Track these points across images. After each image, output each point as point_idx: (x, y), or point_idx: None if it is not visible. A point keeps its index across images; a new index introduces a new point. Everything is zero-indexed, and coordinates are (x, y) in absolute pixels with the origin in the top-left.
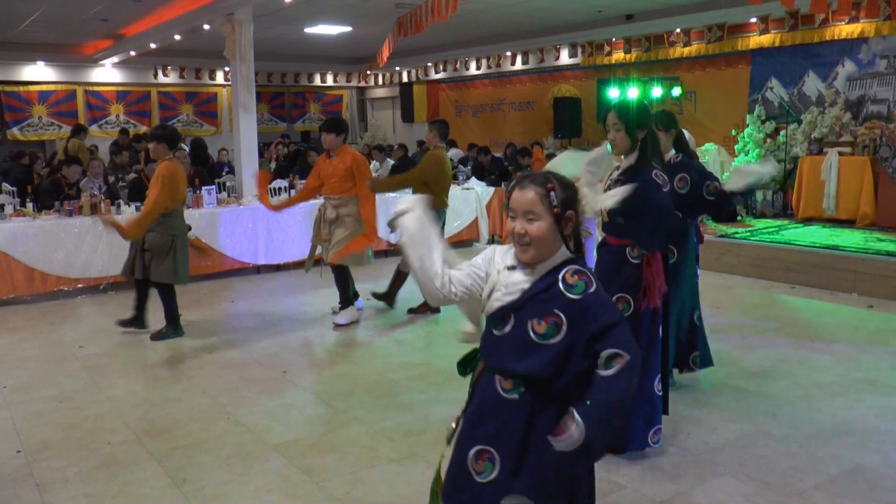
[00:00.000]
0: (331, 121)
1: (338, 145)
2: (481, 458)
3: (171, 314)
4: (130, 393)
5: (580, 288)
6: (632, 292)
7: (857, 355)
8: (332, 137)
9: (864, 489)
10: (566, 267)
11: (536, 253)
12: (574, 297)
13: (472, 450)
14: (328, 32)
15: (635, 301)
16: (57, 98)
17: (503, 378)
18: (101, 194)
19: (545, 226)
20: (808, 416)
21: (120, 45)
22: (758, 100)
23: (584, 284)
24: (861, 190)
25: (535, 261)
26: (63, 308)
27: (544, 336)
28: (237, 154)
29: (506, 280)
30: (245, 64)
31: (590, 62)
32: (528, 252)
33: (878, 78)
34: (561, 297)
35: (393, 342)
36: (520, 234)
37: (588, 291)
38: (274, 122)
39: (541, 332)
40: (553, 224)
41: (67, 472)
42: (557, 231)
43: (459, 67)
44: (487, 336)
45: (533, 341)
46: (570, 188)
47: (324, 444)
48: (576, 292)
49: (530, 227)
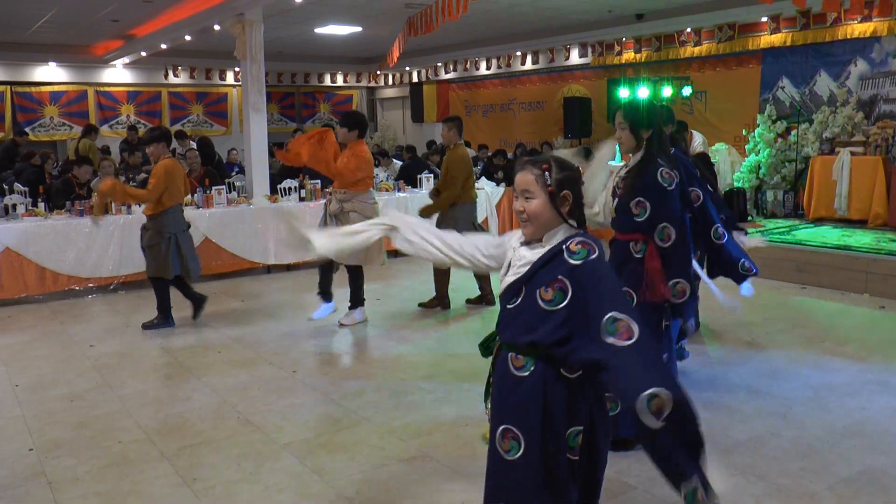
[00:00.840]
0: (346, 115)
1: (351, 139)
2: (507, 437)
3: (162, 306)
4: (141, 392)
5: (582, 254)
6: (634, 287)
7: (868, 356)
8: (345, 132)
9: (876, 491)
10: (572, 238)
11: (535, 229)
12: (575, 263)
13: (498, 429)
14: (338, 33)
15: (638, 294)
16: (68, 98)
17: (514, 355)
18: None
19: (540, 203)
20: (819, 417)
21: (130, 45)
22: (769, 99)
23: (586, 251)
24: (873, 190)
25: (535, 236)
26: (74, 307)
27: (552, 302)
28: (247, 154)
29: (517, 258)
30: (255, 64)
31: (600, 62)
32: (527, 228)
33: (891, 77)
34: (564, 263)
35: (402, 342)
36: (518, 211)
37: (590, 258)
38: (284, 122)
39: (548, 298)
40: (548, 202)
41: (78, 471)
42: (553, 208)
43: (469, 67)
44: (501, 313)
45: (542, 309)
46: (568, 170)
47: (334, 443)
48: (577, 258)
49: (527, 205)
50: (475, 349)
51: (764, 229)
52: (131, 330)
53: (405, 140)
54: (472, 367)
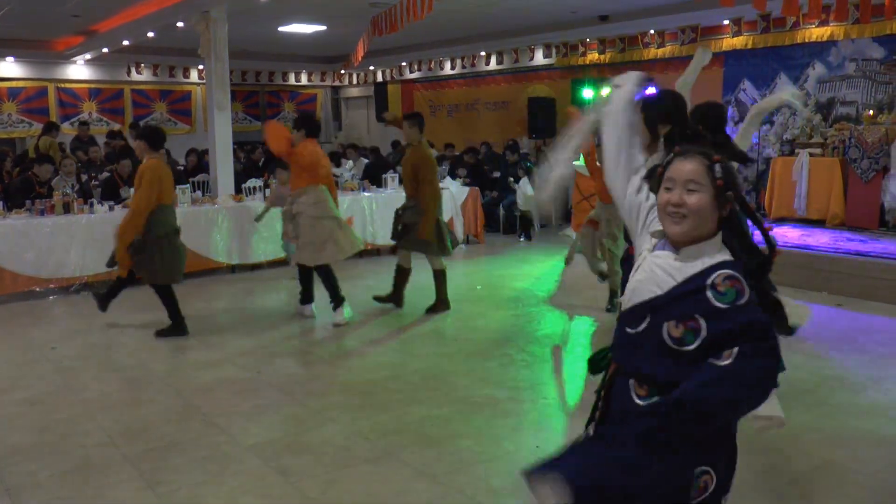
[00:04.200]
0: (297, 118)
1: (299, 139)
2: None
3: (172, 312)
4: (104, 395)
5: (730, 297)
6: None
7: (827, 353)
8: (294, 133)
9: (835, 484)
10: (718, 271)
11: (690, 228)
12: (721, 307)
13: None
14: (302, 31)
15: None
16: (27, 95)
17: (638, 384)
18: (73, 193)
19: (706, 199)
20: None
21: (92, 41)
22: (731, 101)
23: (735, 293)
24: (831, 190)
25: (685, 238)
26: (35, 309)
27: (680, 342)
28: (212, 153)
29: (650, 263)
30: (219, 62)
31: (564, 63)
32: (680, 225)
33: (847, 80)
34: (706, 302)
35: (368, 342)
36: (674, 205)
37: (738, 303)
38: (248, 121)
39: (677, 336)
40: (713, 199)
41: (40, 476)
42: (716, 208)
43: (434, 67)
44: (620, 334)
45: (667, 345)
46: (733, 168)
47: (299, 444)
48: (724, 301)
49: (689, 198)
50: (439, 349)
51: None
52: (94, 332)
53: (369, 140)
54: (437, 368)
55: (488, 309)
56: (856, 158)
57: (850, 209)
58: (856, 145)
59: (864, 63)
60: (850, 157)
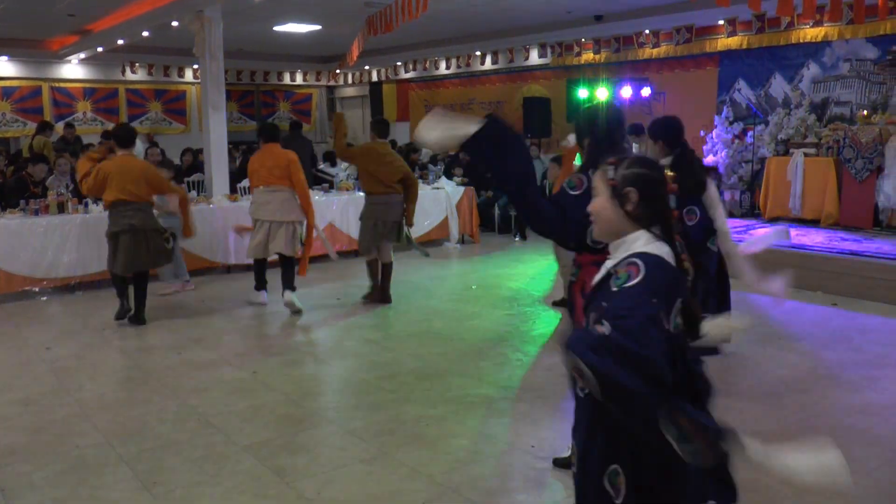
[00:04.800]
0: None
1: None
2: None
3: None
4: (99, 395)
5: (622, 280)
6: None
7: (821, 352)
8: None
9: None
10: (628, 259)
11: (602, 228)
12: (614, 290)
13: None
14: (297, 31)
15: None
16: (21, 94)
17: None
18: (67, 192)
19: (603, 200)
20: (773, 412)
21: (87, 40)
22: (725, 101)
23: (626, 276)
24: (825, 190)
25: (605, 238)
26: (29, 309)
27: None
28: (207, 153)
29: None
30: (214, 62)
31: (559, 62)
32: (596, 227)
33: (841, 81)
34: (608, 289)
35: (363, 342)
36: (590, 213)
37: (626, 285)
38: (244, 120)
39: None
40: (610, 198)
41: (34, 477)
42: (617, 205)
43: (429, 67)
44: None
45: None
46: (643, 168)
47: (294, 444)
48: (617, 284)
49: (593, 204)
50: (433, 348)
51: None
52: (89, 332)
53: (364, 139)
54: (431, 367)
55: (483, 308)
56: (850, 158)
57: (845, 209)
58: (850, 145)
59: (858, 63)
60: (844, 157)
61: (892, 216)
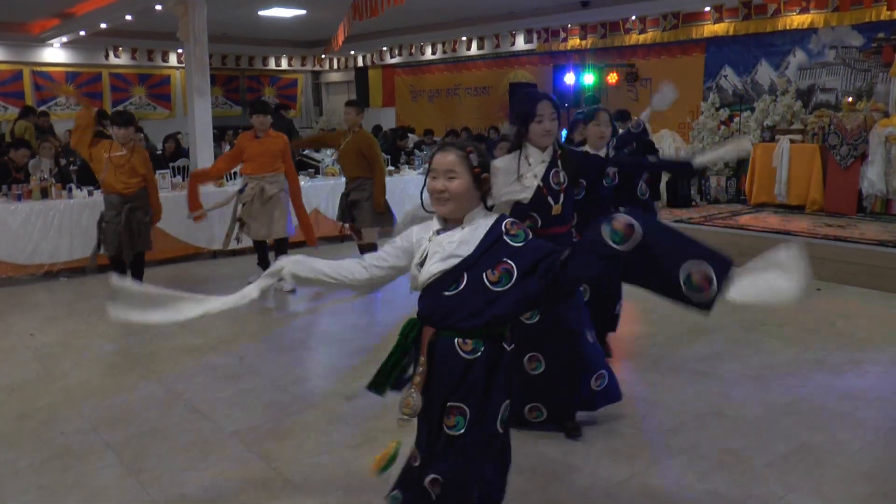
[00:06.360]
0: (259, 102)
1: (267, 126)
2: (452, 413)
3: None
4: (84, 382)
5: (521, 237)
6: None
7: (805, 337)
8: (263, 118)
9: (811, 466)
10: (503, 221)
11: (455, 207)
12: (517, 245)
13: (443, 409)
14: (282, 15)
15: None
16: (2, 78)
17: (462, 340)
18: (51, 178)
19: (465, 183)
20: (759, 396)
21: (69, 24)
22: (712, 87)
23: (523, 233)
24: (810, 177)
25: (454, 215)
26: (13, 296)
27: (498, 283)
28: (192, 138)
29: (441, 243)
30: (199, 46)
31: (545, 48)
32: (446, 206)
33: (827, 68)
34: (507, 246)
35: (349, 327)
36: (438, 191)
37: (528, 238)
38: (229, 105)
39: (494, 280)
40: (472, 182)
41: (19, 464)
42: (475, 188)
43: (415, 52)
44: (437, 301)
45: (490, 290)
46: (486, 157)
47: (281, 430)
48: (518, 241)
49: (450, 185)
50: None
51: (707, 214)
52: (74, 318)
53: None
54: None
55: None
56: (835, 145)
57: (829, 195)
58: (835, 132)
59: (843, 50)
60: (829, 143)
61: (875, 202)
